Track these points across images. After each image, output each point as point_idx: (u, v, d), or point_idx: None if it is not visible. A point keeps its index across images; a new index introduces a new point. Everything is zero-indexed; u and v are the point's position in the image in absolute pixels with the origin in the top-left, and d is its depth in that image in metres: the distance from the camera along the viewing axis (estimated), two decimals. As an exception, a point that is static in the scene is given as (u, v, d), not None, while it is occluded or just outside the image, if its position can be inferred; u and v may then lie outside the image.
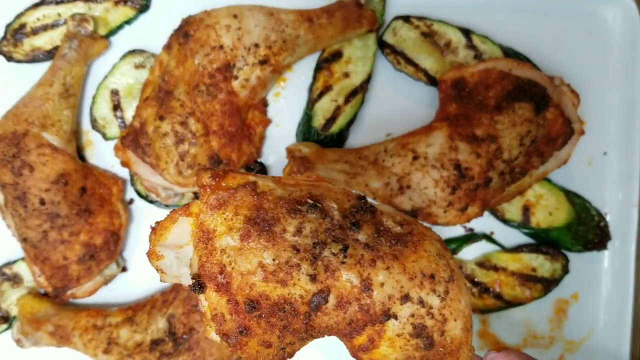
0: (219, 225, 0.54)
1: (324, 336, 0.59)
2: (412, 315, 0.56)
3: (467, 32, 1.06)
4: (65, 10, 1.02)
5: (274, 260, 0.53)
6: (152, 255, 0.59)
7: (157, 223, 0.62)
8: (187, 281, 0.60)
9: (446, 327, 0.57)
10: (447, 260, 0.59)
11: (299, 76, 1.07)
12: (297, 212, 0.56)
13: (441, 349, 0.57)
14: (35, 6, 1.02)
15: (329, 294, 0.54)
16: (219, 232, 0.54)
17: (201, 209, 0.55)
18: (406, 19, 1.06)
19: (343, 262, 0.54)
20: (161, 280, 0.61)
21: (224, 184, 0.57)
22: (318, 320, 0.55)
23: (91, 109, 1.04)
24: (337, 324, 0.55)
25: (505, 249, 1.07)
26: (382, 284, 0.55)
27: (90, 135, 1.05)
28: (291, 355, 0.58)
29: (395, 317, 0.55)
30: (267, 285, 0.53)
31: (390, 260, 0.56)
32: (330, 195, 0.59)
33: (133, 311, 0.97)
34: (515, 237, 1.07)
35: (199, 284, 0.53)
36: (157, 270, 0.60)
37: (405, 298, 0.55)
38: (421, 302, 0.56)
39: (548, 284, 1.06)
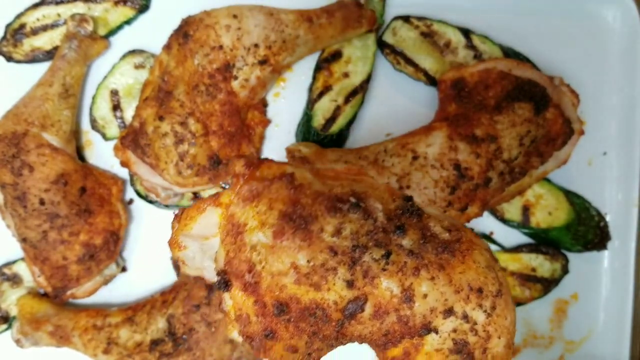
0: (250, 219, 0.49)
1: (354, 342, 0.55)
2: (454, 331, 0.52)
3: (466, 32, 1.06)
4: (65, 10, 1.02)
5: (308, 261, 0.48)
6: (174, 244, 0.54)
7: (182, 210, 0.56)
8: (210, 275, 0.55)
9: (489, 345, 0.53)
10: (495, 272, 0.54)
11: (299, 76, 1.07)
12: (337, 210, 0.51)
13: None
14: (35, 6, 1.02)
15: (365, 302, 0.50)
16: (250, 226, 0.49)
17: (232, 199, 0.51)
18: (406, 19, 1.06)
19: (384, 269, 0.50)
20: (182, 272, 0.57)
21: (258, 174, 0.52)
22: (351, 329, 0.51)
23: (91, 109, 1.04)
24: (372, 334, 0.52)
25: (505, 249, 1.07)
26: (425, 295, 0.51)
27: (90, 136, 1.05)
28: None
29: (436, 332, 0.51)
30: (299, 288, 0.48)
31: (436, 270, 0.51)
32: (375, 193, 0.54)
33: (133, 311, 0.97)
34: (515, 237, 1.07)
35: (224, 282, 0.49)
36: (177, 260, 0.56)
37: (449, 312, 0.51)
38: (465, 317, 0.52)
39: (548, 284, 1.06)
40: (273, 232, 0.49)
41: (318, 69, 1.05)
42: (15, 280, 1.01)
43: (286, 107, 1.06)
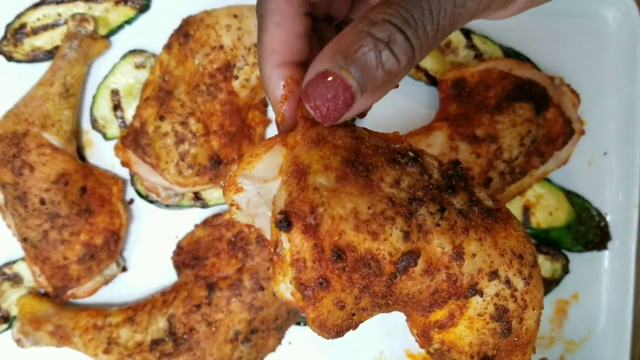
0: (314, 162, 0.48)
1: (392, 310, 0.54)
2: (497, 295, 0.51)
3: (467, 32, 1.06)
4: (66, 10, 1.02)
5: (369, 208, 0.47)
6: (231, 186, 0.52)
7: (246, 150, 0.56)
8: (261, 223, 0.54)
9: (525, 315, 0.53)
10: (531, 244, 0.55)
11: (299, 76, 1.07)
12: (396, 162, 0.50)
13: (515, 339, 0.53)
14: (36, 6, 1.02)
15: (419, 256, 0.49)
16: (314, 169, 0.48)
17: (297, 141, 0.50)
18: (406, 19, 1.06)
19: (438, 224, 0.49)
20: (232, 217, 0.53)
21: None
22: (401, 285, 0.49)
23: (91, 108, 1.04)
24: (420, 292, 0.50)
25: (505, 249, 1.07)
26: (473, 255, 0.50)
27: (90, 135, 1.05)
28: (356, 326, 0.52)
29: (481, 294, 0.51)
30: (357, 235, 0.47)
31: (483, 232, 0.51)
32: (428, 154, 0.54)
33: (133, 311, 0.97)
34: (515, 237, 1.07)
35: (286, 221, 0.47)
36: (231, 205, 0.54)
37: (494, 274, 0.51)
38: (508, 282, 0.51)
39: (548, 284, 1.06)
40: (336, 176, 0.48)
41: (318, 69, 1.05)
42: (15, 280, 1.01)
43: (287, 107, 1.06)
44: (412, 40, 0.43)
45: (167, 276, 1.02)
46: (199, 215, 1.04)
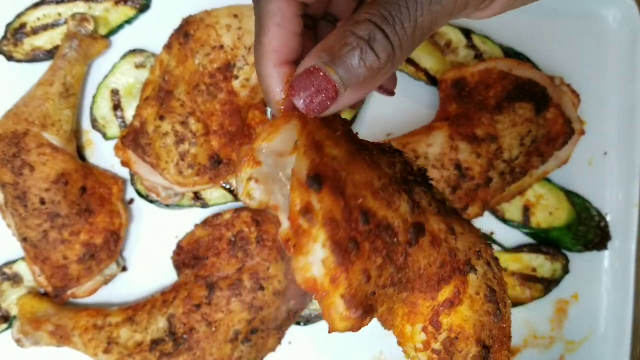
0: (325, 139, 0.50)
1: (398, 306, 0.54)
2: (485, 275, 0.54)
3: (467, 32, 1.06)
4: (66, 10, 1.02)
5: (379, 179, 0.50)
6: (250, 160, 0.52)
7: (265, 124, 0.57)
8: (277, 199, 0.53)
9: (506, 300, 0.56)
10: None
11: (300, 76, 1.07)
12: (385, 152, 0.54)
13: (503, 326, 0.55)
14: (36, 6, 1.02)
15: (424, 228, 0.52)
16: (327, 144, 0.50)
17: (309, 120, 0.51)
18: (406, 19, 1.06)
19: (430, 205, 0.53)
20: (250, 193, 0.52)
21: None
22: (414, 257, 0.51)
23: (91, 108, 1.04)
24: (430, 265, 0.52)
25: (505, 249, 1.07)
26: (462, 233, 0.53)
27: (90, 135, 1.05)
28: (372, 312, 0.51)
29: (475, 271, 0.54)
30: (376, 202, 0.49)
31: (459, 220, 0.55)
32: (405, 152, 0.59)
33: (133, 311, 0.97)
34: (515, 237, 1.07)
35: (317, 180, 0.47)
36: (248, 180, 0.52)
37: (479, 254, 0.54)
38: (489, 264, 0.55)
39: (548, 284, 1.06)
40: (346, 150, 0.50)
41: (319, 69, 1.05)
42: (15, 279, 1.01)
43: (287, 107, 1.06)
44: (391, 37, 0.45)
45: (167, 276, 1.02)
46: (199, 215, 1.04)
